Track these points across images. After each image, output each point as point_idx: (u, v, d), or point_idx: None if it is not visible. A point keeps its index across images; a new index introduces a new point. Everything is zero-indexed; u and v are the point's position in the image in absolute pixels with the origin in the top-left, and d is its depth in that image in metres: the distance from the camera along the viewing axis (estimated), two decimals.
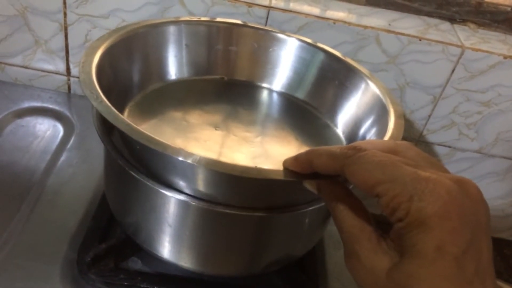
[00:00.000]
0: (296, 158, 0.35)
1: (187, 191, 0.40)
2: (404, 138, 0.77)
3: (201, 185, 0.39)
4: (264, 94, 0.61)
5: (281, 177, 0.35)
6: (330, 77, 0.58)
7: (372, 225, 0.30)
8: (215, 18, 0.59)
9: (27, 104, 0.68)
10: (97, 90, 0.40)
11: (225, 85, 0.60)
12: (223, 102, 0.57)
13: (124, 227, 0.49)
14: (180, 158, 0.35)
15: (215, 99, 0.57)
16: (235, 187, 0.39)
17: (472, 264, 0.26)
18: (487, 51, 0.68)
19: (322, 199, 0.36)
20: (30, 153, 0.61)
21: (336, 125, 0.57)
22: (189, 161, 0.35)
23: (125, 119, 0.38)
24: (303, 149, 0.51)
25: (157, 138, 0.36)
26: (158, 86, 0.55)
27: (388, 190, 0.28)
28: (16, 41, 0.70)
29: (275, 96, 0.61)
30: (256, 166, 0.38)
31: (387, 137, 0.44)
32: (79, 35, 0.69)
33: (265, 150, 0.51)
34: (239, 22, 0.59)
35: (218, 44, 0.59)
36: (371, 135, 0.50)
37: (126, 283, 0.48)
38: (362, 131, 0.53)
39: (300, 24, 0.67)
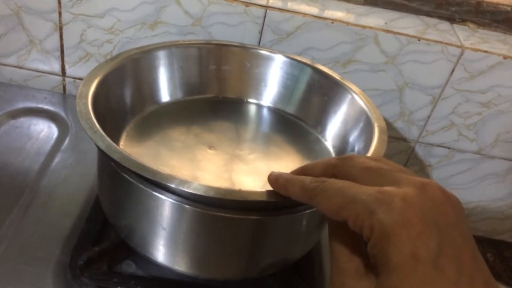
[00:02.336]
0: (276, 180, 0.36)
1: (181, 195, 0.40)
2: (403, 140, 0.77)
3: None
4: (256, 111, 0.62)
5: (263, 198, 0.37)
6: (318, 92, 0.59)
7: (363, 255, 0.30)
8: (205, 40, 0.62)
9: (21, 105, 0.68)
10: (92, 120, 0.42)
11: (218, 103, 0.61)
12: (217, 121, 0.58)
13: (117, 230, 0.49)
14: (168, 184, 0.37)
15: (208, 118, 0.59)
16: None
17: (452, 264, 0.26)
18: (486, 51, 0.67)
19: None
20: (24, 154, 0.60)
21: (326, 139, 0.58)
22: (173, 185, 0.37)
23: (118, 147, 0.40)
24: (294, 164, 0.53)
25: (146, 164, 0.38)
26: (153, 109, 0.57)
27: (351, 211, 0.28)
28: (10, 41, 0.69)
29: (266, 112, 0.62)
30: (239, 189, 0.39)
31: (370, 152, 0.46)
32: (74, 35, 0.68)
33: (258, 168, 0.52)
34: (228, 42, 0.61)
35: (210, 64, 0.61)
36: (359, 148, 0.51)
37: (119, 287, 0.47)
38: (350, 144, 0.54)
39: (298, 24, 0.66)
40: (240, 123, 0.59)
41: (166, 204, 0.40)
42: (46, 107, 0.69)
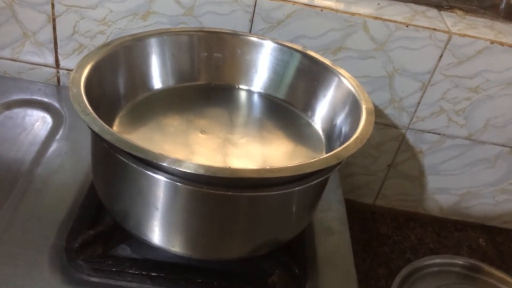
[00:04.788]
0: None
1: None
2: (394, 126, 0.78)
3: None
4: (247, 97, 0.63)
5: (252, 175, 0.38)
6: (308, 77, 0.60)
7: None
8: (196, 27, 0.63)
9: (15, 97, 0.68)
10: (84, 104, 0.43)
11: (210, 90, 0.62)
12: (208, 107, 0.59)
13: (112, 214, 0.49)
14: (160, 163, 0.38)
15: (200, 104, 0.60)
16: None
17: None
18: (474, 37, 0.68)
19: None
20: (18, 144, 0.61)
21: (315, 123, 0.59)
22: (165, 164, 0.37)
23: (110, 129, 0.40)
24: (285, 148, 0.54)
25: (138, 144, 0.39)
26: (145, 96, 0.58)
27: None
28: (4, 33, 0.70)
29: (257, 97, 0.63)
30: (229, 167, 0.40)
31: (357, 133, 0.47)
32: (67, 26, 0.69)
33: (249, 151, 0.53)
34: (219, 29, 0.62)
35: (202, 52, 0.61)
36: (346, 130, 0.52)
37: (114, 269, 0.48)
38: (338, 126, 0.55)
39: (288, 12, 0.67)
40: (232, 109, 0.60)
41: (159, 183, 0.41)
42: (40, 98, 0.69)
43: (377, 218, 0.86)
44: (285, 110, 0.61)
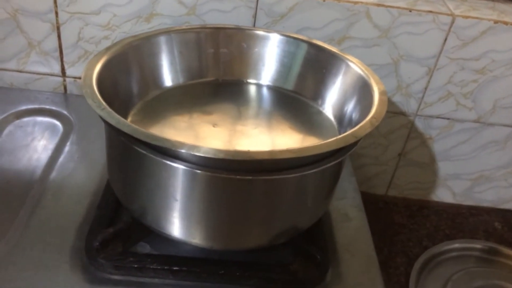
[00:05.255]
0: None
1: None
2: (402, 114, 0.78)
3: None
4: (256, 90, 0.63)
5: (271, 157, 0.39)
6: (316, 66, 0.60)
7: None
8: (202, 24, 0.63)
9: (24, 106, 0.68)
10: (99, 99, 0.43)
11: (218, 86, 0.63)
12: (218, 102, 0.59)
13: (131, 210, 0.49)
14: (178, 150, 0.38)
15: (210, 100, 0.60)
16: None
17: None
18: (477, 18, 0.68)
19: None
20: (30, 152, 0.61)
21: (326, 110, 0.59)
22: (184, 150, 0.38)
23: (126, 121, 0.41)
24: (297, 136, 0.54)
25: (156, 134, 0.39)
26: (156, 94, 0.58)
27: None
28: (9, 45, 0.70)
29: (266, 90, 0.63)
30: (248, 150, 0.40)
31: (371, 113, 0.46)
32: (72, 33, 0.69)
33: (261, 140, 0.53)
34: (225, 25, 0.62)
35: (209, 48, 0.62)
36: (359, 112, 0.52)
37: (136, 265, 0.48)
38: (350, 111, 0.55)
39: (290, 5, 0.67)
40: (242, 103, 0.60)
41: (178, 172, 0.41)
42: (49, 107, 0.69)
43: (390, 208, 0.86)
44: (295, 101, 0.61)
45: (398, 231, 0.81)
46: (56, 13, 0.68)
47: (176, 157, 0.40)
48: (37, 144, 0.62)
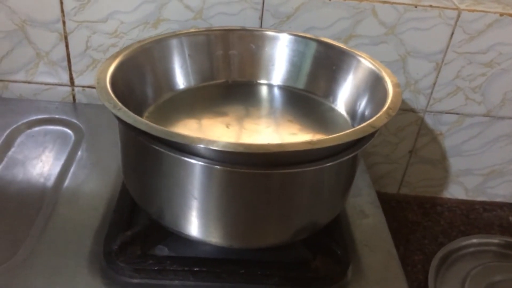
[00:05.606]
0: None
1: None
2: (412, 111, 0.78)
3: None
4: (267, 91, 0.63)
5: (292, 149, 0.38)
6: (326, 63, 0.61)
7: None
8: (211, 27, 0.64)
9: (34, 116, 0.68)
10: (114, 100, 0.43)
11: (229, 87, 0.63)
12: (230, 104, 0.59)
13: (148, 212, 0.49)
14: (197, 145, 0.38)
15: (222, 101, 0.60)
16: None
17: None
18: (483, 11, 0.68)
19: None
20: (43, 161, 0.61)
21: (338, 106, 0.59)
22: (203, 145, 0.38)
23: (143, 120, 0.41)
24: (312, 132, 0.54)
25: (174, 131, 0.39)
26: (168, 96, 0.58)
27: None
28: (17, 56, 0.71)
29: (277, 90, 0.63)
30: (268, 143, 0.40)
31: (386, 104, 0.46)
32: (80, 42, 0.70)
33: (276, 138, 0.53)
34: (233, 27, 0.63)
35: (219, 50, 0.62)
36: (372, 108, 0.52)
37: (156, 268, 0.47)
38: (362, 106, 0.55)
39: (296, 5, 0.67)
40: (253, 103, 0.60)
41: (196, 169, 0.41)
42: (59, 116, 0.69)
43: (403, 206, 0.85)
44: (306, 99, 0.61)
45: (412, 229, 0.81)
46: (64, 22, 0.68)
47: (194, 153, 0.40)
48: (49, 153, 0.62)
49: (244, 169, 0.40)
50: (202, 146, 0.38)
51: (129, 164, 0.49)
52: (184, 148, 0.40)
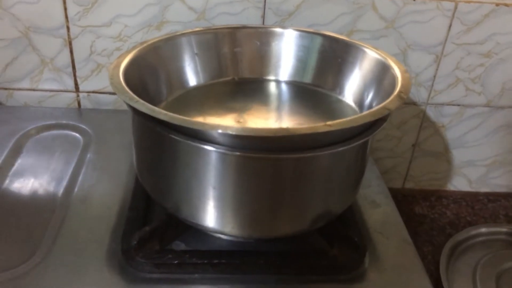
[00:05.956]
0: None
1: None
2: (413, 104, 0.79)
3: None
4: (275, 86, 0.64)
5: (310, 131, 0.39)
6: (331, 57, 0.62)
7: None
8: (219, 25, 0.64)
9: (41, 123, 0.68)
10: (130, 93, 0.43)
11: (238, 84, 0.63)
12: (239, 100, 0.60)
13: (165, 207, 0.49)
14: (218, 131, 0.38)
15: (231, 98, 0.61)
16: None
17: None
18: (479, 1, 0.70)
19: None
20: (53, 164, 0.61)
21: (346, 98, 0.60)
22: (222, 131, 0.38)
23: (162, 110, 0.41)
24: (321, 123, 0.54)
25: (194, 120, 0.40)
26: (180, 93, 0.59)
27: None
28: (22, 63, 0.71)
29: (284, 86, 0.64)
30: (287, 127, 0.40)
31: (397, 89, 0.47)
32: (84, 47, 0.70)
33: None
34: (240, 25, 0.64)
35: (225, 48, 0.63)
36: (379, 96, 0.53)
37: (175, 262, 0.47)
38: (370, 95, 0.56)
39: (297, 3, 0.69)
40: (262, 99, 0.61)
41: (216, 157, 0.41)
42: (65, 121, 0.69)
43: (409, 200, 0.86)
44: (314, 93, 0.61)
45: (420, 221, 0.81)
46: (68, 28, 0.68)
47: (212, 141, 0.40)
48: (59, 157, 0.62)
49: (261, 154, 0.40)
50: (220, 131, 0.38)
51: (145, 159, 0.49)
52: (202, 136, 0.40)
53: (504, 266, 0.70)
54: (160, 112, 0.40)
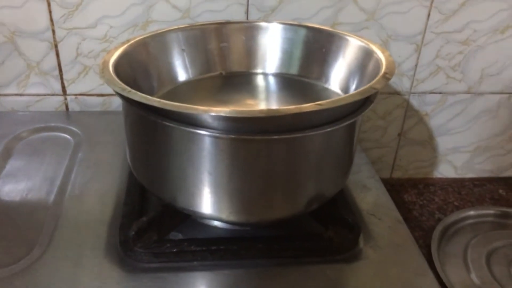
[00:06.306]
0: None
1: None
2: (397, 93, 0.81)
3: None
4: (262, 79, 0.65)
5: (301, 110, 0.40)
6: (316, 47, 0.63)
7: None
8: (205, 22, 0.65)
9: (30, 126, 0.68)
10: (122, 84, 0.44)
11: (226, 78, 0.65)
12: (228, 93, 0.61)
13: (161, 197, 0.49)
14: (211, 114, 0.39)
15: (220, 92, 0.62)
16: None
17: None
18: None
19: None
20: (45, 165, 0.61)
21: (332, 85, 0.61)
22: (216, 113, 0.39)
23: (154, 98, 0.41)
24: None
25: (187, 105, 0.40)
26: (169, 88, 0.60)
27: None
28: (8, 69, 0.71)
29: (271, 78, 0.65)
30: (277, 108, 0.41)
31: (382, 70, 0.49)
32: (70, 50, 0.70)
33: None
34: (226, 20, 0.65)
35: (211, 44, 0.64)
36: (364, 81, 0.54)
37: (174, 250, 0.48)
38: (355, 81, 0.57)
39: None
40: (251, 92, 0.62)
41: (210, 142, 0.42)
42: (54, 124, 0.70)
43: (397, 189, 0.88)
44: (300, 83, 0.63)
45: (409, 208, 0.83)
46: (53, 31, 0.69)
47: (206, 126, 0.41)
48: (51, 157, 0.62)
49: (254, 136, 0.41)
50: (212, 114, 0.39)
51: (139, 152, 0.49)
52: (195, 121, 0.41)
53: (494, 245, 0.72)
54: (153, 100, 0.41)
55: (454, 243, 0.74)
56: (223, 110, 0.39)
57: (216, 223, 0.53)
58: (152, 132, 0.45)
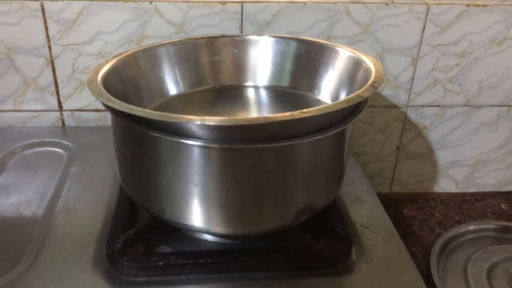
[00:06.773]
0: None
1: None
2: (394, 107, 0.80)
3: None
4: (254, 92, 0.65)
5: (288, 118, 0.39)
6: (307, 59, 0.63)
7: None
8: (196, 36, 0.66)
9: (25, 141, 0.69)
10: (107, 95, 0.45)
11: (218, 91, 0.65)
12: (220, 107, 0.61)
13: (149, 209, 0.49)
14: (197, 122, 0.39)
15: (212, 105, 0.62)
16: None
17: None
18: (450, 3, 0.72)
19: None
20: (37, 180, 0.61)
21: (324, 97, 0.61)
22: (198, 122, 0.39)
23: (139, 108, 0.41)
24: None
25: (171, 114, 0.40)
26: (160, 102, 0.60)
27: None
28: (5, 84, 0.71)
29: (263, 91, 0.65)
30: (264, 115, 0.41)
31: (371, 78, 0.48)
32: (66, 66, 0.71)
33: None
34: (217, 34, 0.66)
35: (202, 57, 0.64)
36: (354, 90, 0.54)
37: (161, 263, 0.47)
38: (346, 91, 0.57)
39: (274, 12, 0.70)
40: (242, 104, 0.62)
41: (194, 151, 0.41)
42: (49, 139, 0.70)
43: (397, 203, 0.86)
44: (292, 95, 0.63)
45: (409, 223, 0.81)
46: (49, 47, 0.70)
47: (192, 135, 0.41)
48: (44, 172, 0.62)
49: (241, 145, 0.41)
50: (198, 123, 0.39)
51: (126, 163, 0.49)
52: (181, 131, 0.41)
53: (494, 260, 0.70)
54: (137, 110, 0.41)
55: (454, 258, 0.72)
56: (209, 119, 0.39)
57: (206, 236, 0.52)
58: (138, 143, 0.45)
